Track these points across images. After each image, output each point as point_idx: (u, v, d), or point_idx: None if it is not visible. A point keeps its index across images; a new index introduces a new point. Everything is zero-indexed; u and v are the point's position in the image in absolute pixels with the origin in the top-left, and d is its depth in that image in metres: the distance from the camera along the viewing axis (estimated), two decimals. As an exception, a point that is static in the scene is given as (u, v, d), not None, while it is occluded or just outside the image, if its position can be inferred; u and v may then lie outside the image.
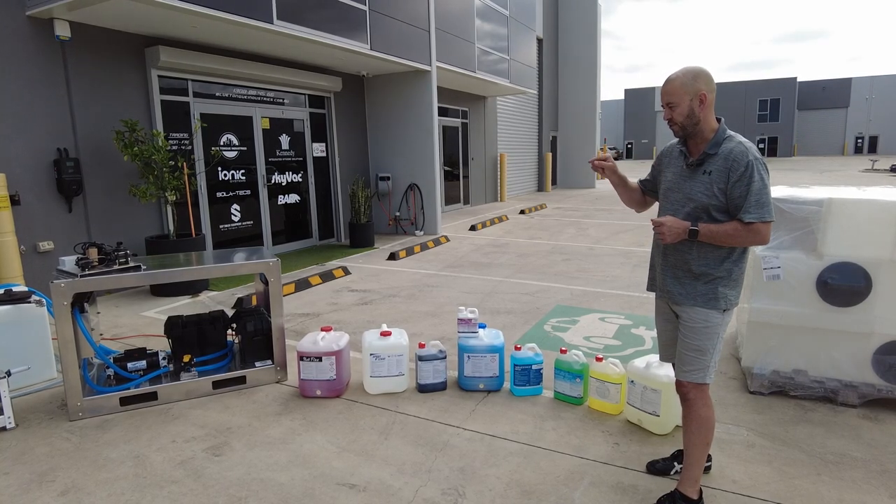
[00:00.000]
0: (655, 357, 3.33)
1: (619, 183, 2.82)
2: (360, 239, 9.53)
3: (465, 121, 14.50)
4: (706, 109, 2.45)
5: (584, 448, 3.08)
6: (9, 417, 3.30)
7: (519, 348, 3.74)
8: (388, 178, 10.73)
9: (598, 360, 3.55)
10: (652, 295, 6.17)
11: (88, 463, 2.95)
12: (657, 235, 2.48)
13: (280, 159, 9.05)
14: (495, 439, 3.17)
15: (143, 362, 3.75)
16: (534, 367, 3.69)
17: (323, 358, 3.61)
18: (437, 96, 10.82)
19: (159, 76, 7.00)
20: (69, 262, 3.54)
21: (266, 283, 3.93)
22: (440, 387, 3.78)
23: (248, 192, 8.49)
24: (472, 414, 3.47)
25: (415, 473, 2.83)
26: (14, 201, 5.60)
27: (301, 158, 9.48)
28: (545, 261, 8.10)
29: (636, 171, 32.38)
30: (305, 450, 3.06)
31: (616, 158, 55.33)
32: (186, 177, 6.57)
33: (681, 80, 2.39)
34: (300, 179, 9.50)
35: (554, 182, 21.71)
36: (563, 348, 3.70)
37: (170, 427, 3.33)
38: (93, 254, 3.49)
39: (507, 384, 3.85)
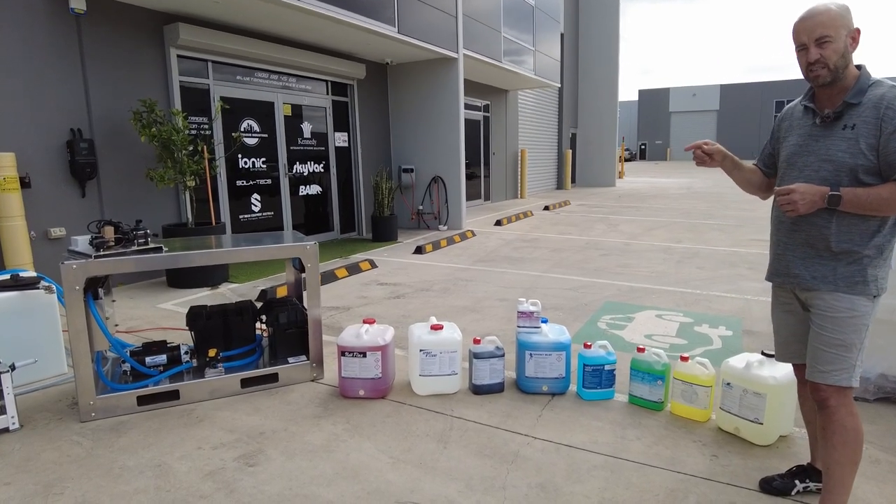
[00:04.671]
0: (756, 355, 2.88)
1: (733, 167, 2.36)
2: (383, 233, 9.10)
3: (486, 114, 14.05)
4: (852, 52, 1.99)
5: (678, 461, 2.63)
6: (12, 417, 2.89)
7: (589, 346, 3.29)
8: (412, 171, 10.30)
9: (684, 359, 3.09)
10: (704, 292, 5.70)
11: (102, 472, 2.52)
12: (783, 208, 2.01)
13: (302, 148, 8.64)
14: (573, 450, 2.72)
15: (163, 357, 3.34)
16: (606, 367, 3.23)
17: (367, 353, 3.18)
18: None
19: (178, 56, 6.61)
20: (82, 241, 3.13)
21: (301, 269, 3.50)
22: (497, 388, 3.33)
23: (269, 181, 8.08)
24: (539, 420, 3.02)
25: (487, 490, 2.39)
26: (24, 184, 5.22)
27: (323, 148, 9.07)
28: (581, 256, 7.63)
29: (648, 172, 31.62)
30: (353, 460, 2.62)
31: (628, 160, 54.65)
32: (207, 161, 6.17)
33: (837, 10, 1.93)
34: (322, 170, 9.09)
35: (573, 180, 21.21)
36: (641, 347, 3.24)
37: (194, 431, 2.90)
38: (109, 233, 3.08)
39: (572, 386, 3.40)
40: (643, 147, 59.70)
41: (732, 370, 2.87)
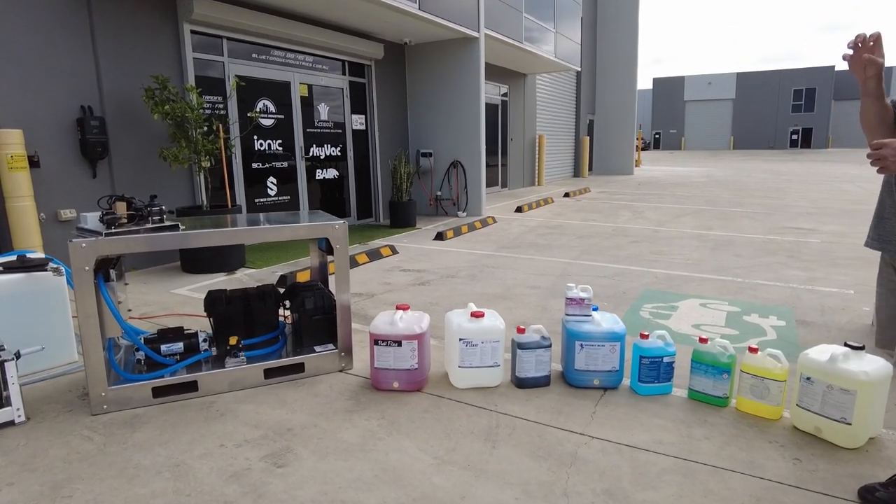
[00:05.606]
0: (839, 347, 2.57)
1: (874, 93, 2.02)
2: (401, 218, 8.81)
3: (505, 98, 13.68)
4: None
5: (756, 464, 2.33)
6: (17, 409, 2.65)
7: (646, 336, 2.99)
8: (430, 155, 9.99)
9: (753, 350, 2.79)
10: (746, 280, 5.37)
11: (115, 472, 2.27)
12: (872, 165, 1.72)
13: (318, 130, 8.35)
14: (636, 451, 2.43)
15: (180, 345, 3.08)
16: (665, 359, 2.93)
17: (403, 342, 2.89)
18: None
19: (192, 31, 6.33)
20: (92, 219, 2.87)
21: (328, 251, 3.22)
22: (543, 381, 3.04)
23: (285, 164, 7.81)
24: (593, 417, 2.73)
25: (547, 497, 2.10)
26: (32, 163, 4.97)
27: (340, 131, 8.77)
28: (610, 243, 7.31)
29: (664, 162, 31.13)
30: (393, 460, 2.35)
31: (643, 149, 53.83)
32: (223, 141, 5.89)
33: None
34: (339, 153, 8.79)
35: (590, 168, 20.78)
36: (704, 337, 2.93)
37: (215, 426, 2.64)
38: (121, 209, 2.81)
39: (625, 380, 3.11)
40: (657, 136, 58.86)
41: (814, 364, 2.56)
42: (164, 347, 3.04)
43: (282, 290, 3.51)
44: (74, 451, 2.42)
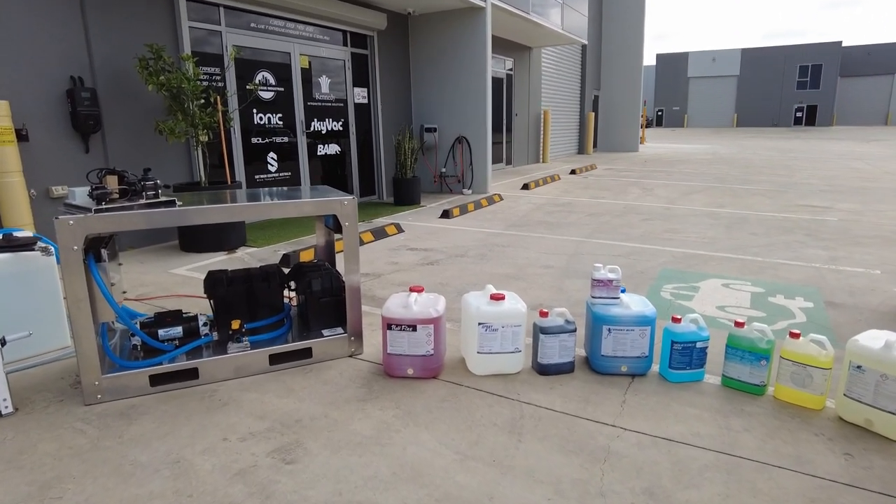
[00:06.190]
0: (893, 333, 2.37)
1: None
2: (405, 196, 8.57)
3: (510, 72, 13.33)
4: None
5: (805, 460, 2.15)
6: (4, 399, 2.46)
7: (678, 319, 2.79)
8: (435, 130, 9.70)
9: (795, 335, 2.59)
10: (766, 259, 5.16)
11: (110, 469, 2.08)
12: None
13: (319, 104, 8.06)
14: (674, 444, 2.25)
15: (179, 329, 2.88)
16: (698, 344, 2.74)
17: (418, 327, 2.70)
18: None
19: (187, -2, 6.02)
20: (81, 194, 2.64)
21: (335, 228, 3.01)
22: (567, 368, 2.85)
23: (286, 139, 7.54)
24: (623, 407, 2.55)
25: (582, 498, 1.92)
26: (21, 136, 4.72)
27: (341, 104, 8.48)
28: (621, 221, 7.09)
29: (667, 139, 30.79)
30: (411, 455, 2.17)
31: (647, 126, 53.21)
32: (221, 114, 5.63)
33: None
34: (341, 128, 8.51)
35: (594, 145, 20.43)
36: (740, 320, 2.73)
37: (218, 417, 2.46)
38: (112, 183, 2.59)
39: (654, 366, 2.92)
40: (660, 113, 58.17)
41: (865, 351, 2.36)
42: (161, 332, 2.84)
43: (286, 271, 3.31)
44: (66, 446, 2.23)
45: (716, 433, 2.34)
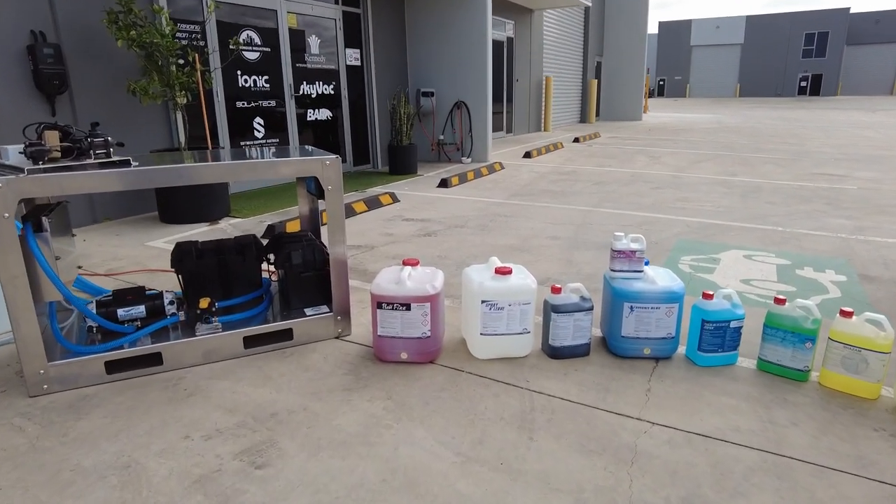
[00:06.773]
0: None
1: None
2: (402, 164, 8.15)
3: (510, 36, 12.75)
4: None
5: (867, 461, 1.83)
6: (-68, 391, 2.12)
7: (710, 295, 2.44)
8: (432, 95, 9.23)
9: (846, 314, 2.25)
10: (788, 229, 4.81)
11: (46, 477, 1.75)
12: None
13: (309, 66, 7.58)
14: (711, 442, 1.93)
15: (141, 308, 2.53)
16: (732, 324, 2.40)
17: (412, 305, 2.35)
18: None
19: (160, -54, 5.51)
20: (13, 151, 2.26)
21: (318, 194, 2.64)
22: (582, 351, 2.52)
23: (273, 103, 7.09)
24: (648, 396, 2.22)
25: (609, 513, 1.60)
26: (-23, 96, 4.31)
27: (333, 66, 8.00)
28: (630, 189, 6.71)
29: (670, 108, 30.20)
30: (403, 457, 1.84)
31: (650, 95, 52.17)
32: (199, 74, 5.19)
33: None
34: (332, 91, 8.04)
35: (597, 114, 19.86)
36: (780, 297, 2.39)
37: (182, 410, 2.12)
38: (52, 139, 2.20)
39: (680, 347, 2.59)
40: (662, 83, 57.12)
41: (934, 332, 2.02)
42: (121, 312, 2.50)
43: (266, 242, 2.95)
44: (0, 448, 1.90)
45: (758, 428, 2.01)
